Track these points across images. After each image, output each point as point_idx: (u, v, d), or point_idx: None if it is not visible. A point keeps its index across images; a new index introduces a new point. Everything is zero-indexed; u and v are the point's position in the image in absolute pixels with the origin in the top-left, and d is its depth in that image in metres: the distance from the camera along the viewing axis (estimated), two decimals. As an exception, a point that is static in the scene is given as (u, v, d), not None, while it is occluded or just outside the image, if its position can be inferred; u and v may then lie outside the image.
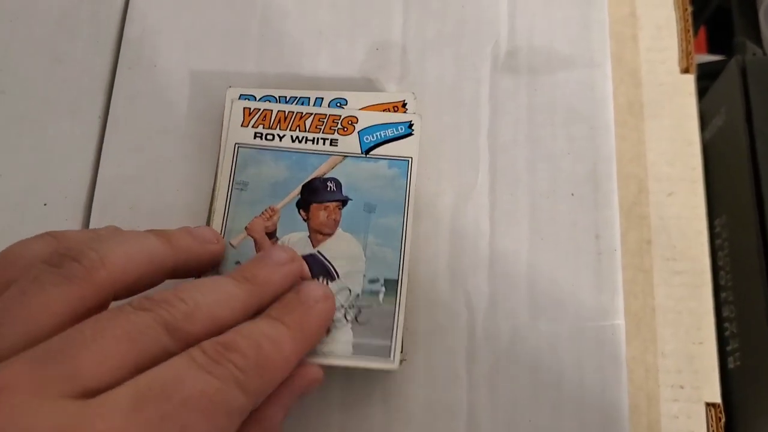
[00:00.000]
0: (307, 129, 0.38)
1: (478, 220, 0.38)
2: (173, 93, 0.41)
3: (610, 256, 0.38)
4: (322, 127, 0.38)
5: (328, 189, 0.37)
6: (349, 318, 0.35)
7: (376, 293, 0.35)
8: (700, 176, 0.42)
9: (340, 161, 0.37)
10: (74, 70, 0.41)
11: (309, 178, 0.37)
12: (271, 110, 0.38)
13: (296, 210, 0.37)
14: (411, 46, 0.42)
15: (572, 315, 0.37)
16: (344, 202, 0.37)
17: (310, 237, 0.36)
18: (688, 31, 0.46)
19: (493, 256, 0.38)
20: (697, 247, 0.41)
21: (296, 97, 0.39)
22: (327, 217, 0.36)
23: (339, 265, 0.36)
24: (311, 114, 0.38)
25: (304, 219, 0.37)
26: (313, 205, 0.37)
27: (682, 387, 0.39)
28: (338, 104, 0.38)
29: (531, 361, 0.37)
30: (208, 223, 0.36)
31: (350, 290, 0.35)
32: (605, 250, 0.38)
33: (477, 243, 0.38)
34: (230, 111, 0.38)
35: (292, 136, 0.38)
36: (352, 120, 0.38)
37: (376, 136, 0.38)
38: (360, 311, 0.35)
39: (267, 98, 0.39)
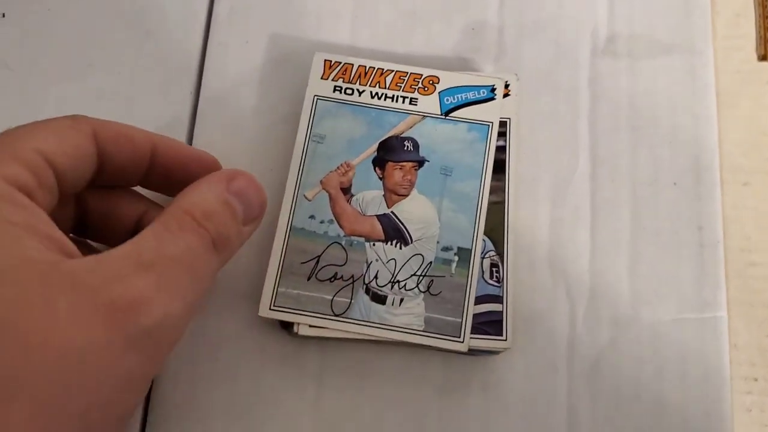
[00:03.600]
0: (387, 86, 0.37)
1: (578, 207, 0.38)
2: (264, 69, 0.40)
3: (713, 248, 0.37)
4: (403, 85, 0.37)
5: (405, 148, 0.36)
6: (422, 288, 0.34)
7: (449, 262, 0.35)
8: (776, 166, 0.41)
9: (419, 121, 0.37)
10: (164, 46, 0.40)
11: (386, 136, 0.36)
12: (352, 64, 0.37)
13: (372, 167, 0.36)
14: (507, 28, 0.41)
15: (674, 306, 0.36)
16: (421, 163, 0.36)
17: (384, 196, 0.36)
18: (767, 17, 0.45)
19: (593, 245, 0.37)
20: (772, 239, 0.40)
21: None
22: (402, 177, 0.36)
23: (413, 228, 0.35)
24: (392, 71, 0.37)
25: (379, 177, 0.36)
26: (389, 164, 0.36)
27: (755, 379, 0.38)
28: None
29: (632, 352, 0.36)
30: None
31: (423, 257, 0.34)
32: (708, 242, 0.37)
33: (577, 231, 0.37)
34: (312, 64, 0.37)
35: (371, 92, 0.37)
36: (434, 80, 0.37)
37: (458, 98, 0.37)
38: (432, 282, 0.34)
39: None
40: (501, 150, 0.36)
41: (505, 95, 0.37)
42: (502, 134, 0.37)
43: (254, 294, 0.35)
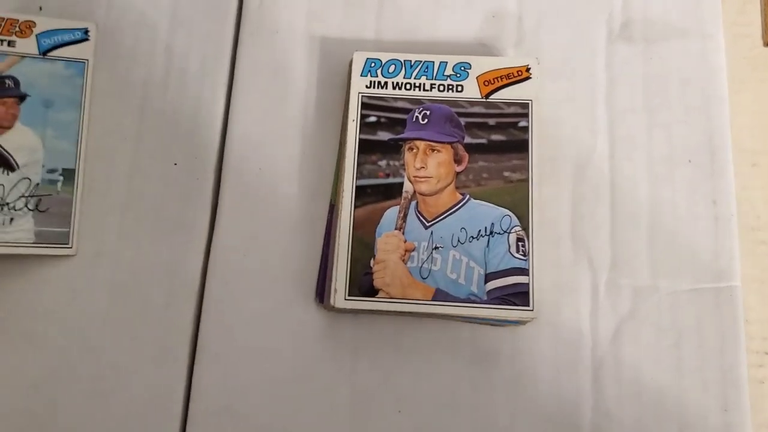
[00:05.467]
0: None
1: (598, 184, 0.39)
2: (294, 59, 0.42)
3: (727, 221, 0.39)
4: (0, 30, 0.40)
5: (6, 86, 0.40)
6: (30, 207, 0.38)
7: (55, 182, 0.39)
8: (784, 148, 0.43)
9: (18, 61, 0.40)
10: (196, 37, 0.42)
11: None
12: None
13: None
14: (526, 15, 0.42)
15: (691, 277, 0.38)
16: (22, 97, 0.39)
17: None
18: (772, 5, 0.46)
19: (613, 219, 0.39)
20: (782, 218, 0.42)
21: (421, 61, 0.40)
22: (6, 111, 0.39)
23: (19, 156, 0.39)
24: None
25: None
26: None
27: (767, 353, 0.40)
28: (462, 68, 0.39)
29: (652, 319, 0.38)
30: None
31: (30, 180, 0.38)
32: (722, 215, 0.39)
33: (597, 206, 0.39)
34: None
35: None
36: (30, 24, 0.40)
37: (54, 39, 0.40)
38: (40, 200, 0.38)
39: (392, 62, 0.40)
40: (524, 130, 0.38)
41: (526, 78, 0.39)
42: (524, 115, 0.38)
43: (287, 275, 0.38)
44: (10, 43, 0.41)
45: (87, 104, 0.40)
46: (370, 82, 0.39)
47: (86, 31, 0.41)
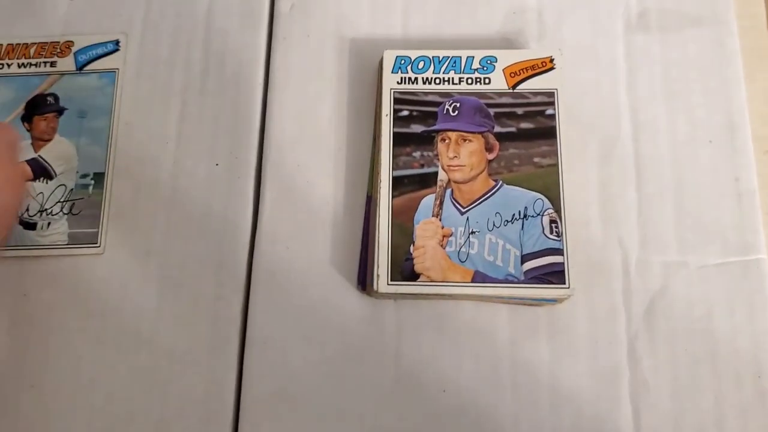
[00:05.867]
0: (31, 56, 0.44)
1: (624, 167, 0.41)
2: (326, 60, 0.44)
3: (751, 197, 0.41)
4: (44, 53, 0.44)
5: (47, 103, 0.43)
6: (65, 211, 0.41)
7: (87, 186, 0.42)
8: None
9: (58, 79, 0.44)
10: (231, 43, 0.44)
11: (31, 96, 0.44)
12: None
13: (21, 123, 0.43)
14: (546, 11, 0.44)
15: (718, 251, 0.40)
16: (60, 111, 0.43)
17: (32, 144, 0.43)
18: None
19: (640, 199, 0.41)
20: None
21: (449, 57, 0.41)
22: (47, 125, 0.43)
23: (57, 165, 0.42)
24: (34, 43, 0.44)
25: (27, 129, 0.43)
26: (35, 117, 0.43)
27: None
28: (489, 62, 0.41)
29: (683, 293, 0.39)
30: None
31: (66, 186, 0.41)
32: (745, 191, 0.41)
33: (625, 188, 0.41)
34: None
35: (18, 63, 0.44)
36: (69, 44, 0.44)
37: (89, 54, 0.44)
38: (74, 204, 0.41)
39: (421, 59, 0.41)
40: (551, 117, 0.40)
41: (550, 69, 0.41)
42: (551, 104, 0.40)
43: (329, 265, 0.40)
44: (52, 64, 0.44)
45: (117, 110, 0.43)
46: (401, 78, 0.41)
47: (117, 42, 0.45)
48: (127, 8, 0.45)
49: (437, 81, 0.41)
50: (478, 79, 0.41)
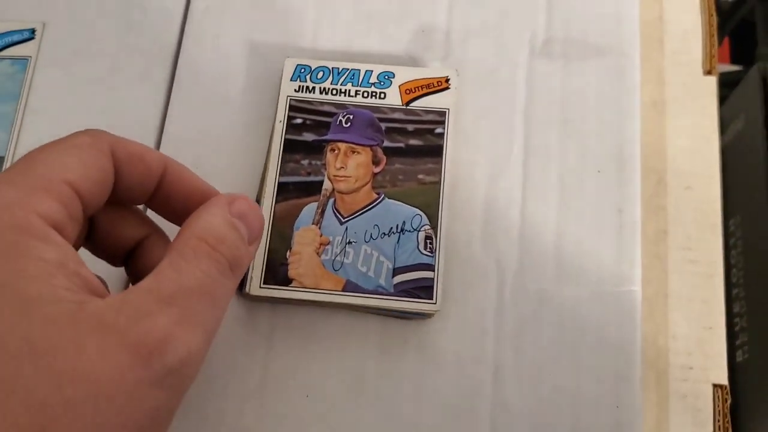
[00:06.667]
0: None
1: (511, 190, 0.42)
2: (234, 63, 0.44)
3: (632, 229, 0.41)
4: None
5: None
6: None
7: None
8: (717, 172, 0.45)
9: None
10: (144, 38, 0.45)
11: None
12: None
13: None
14: (454, 31, 0.45)
15: (594, 281, 0.40)
16: None
17: None
18: (713, 35, 0.49)
19: (523, 224, 0.41)
20: (711, 239, 0.44)
21: (348, 69, 0.42)
22: None
23: None
24: None
25: None
26: None
27: (690, 368, 0.41)
28: (386, 77, 0.42)
29: (555, 321, 0.40)
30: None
31: None
32: (627, 223, 0.41)
33: (509, 211, 0.41)
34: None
35: None
36: None
37: (4, 41, 0.45)
38: None
39: (321, 69, 0.42)
40: (439, 136, 0.41)
41: (445, 89, 0.41)
42: (441, 122, 0.41)
43: None
44: None
45: (24, 98, 0.44)
46: (299, 86, 0.42)
47: (33, 31, 0.45)
48: (48, -1, 0.46)
49: (334, 92, 0.42)
50: (374, 93, 0.42)
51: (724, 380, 0.41)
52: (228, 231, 0.29)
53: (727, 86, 0.61)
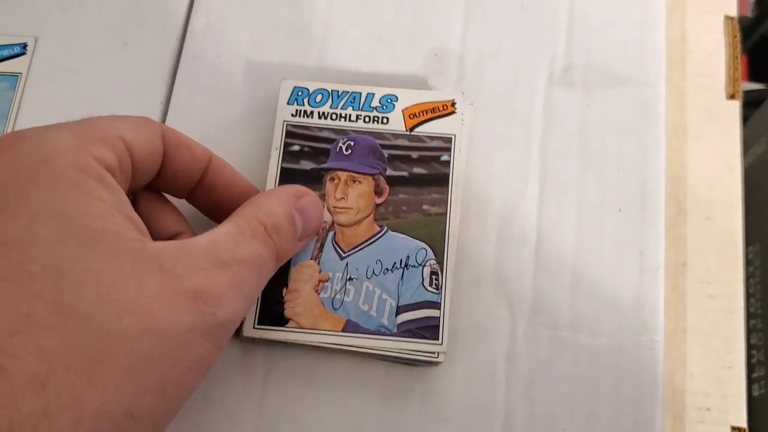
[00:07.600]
0: None
1: (524, 227, 0.39)
2: (234, 83, 0.42)
3: (654, 274, 0.38)
4: None
5: None
6: None
7: None
8: (739, 202, 0.42)
9: None
10: (140, 56, 0.42)
11: None
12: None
13: None
14: (468, 55, 0.42)
15: (612, 329, 0.37)
16: None
17: None
18: (737, 57, 0.46)
19: (537, 265, 0.38)
20: (732, 272, 0.41)
21: (348, 92, 0.40)
22: None
23: None
24: None
25: None
26: None
27: (708, 409, 0.39)
28: (389, 100, 0.39)
29: (569, 370, 0.37)
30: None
31: None
32: (648, 267, 0.38)
33: (523, 251, 0.39)
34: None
35: None
36: None
37: None
38: None
39: (319, 92, 0.40)
40: (445, 164, 0.38)
41: (451, 113, 0.39)
42: (447, 149, 0.38)
43: None
44: None
45: (14, 115, 0.41)
46: (296, 110, 0.39)
47: (24, 46, 0.42)
48: (41, 12, 0.44)
49: (334, 116, 0.39)
50: (376, 118, 0.39)
51: (743, 422, 0.38)
52: (286, 224, 0.31)
53: (747, 105, 0.59)
